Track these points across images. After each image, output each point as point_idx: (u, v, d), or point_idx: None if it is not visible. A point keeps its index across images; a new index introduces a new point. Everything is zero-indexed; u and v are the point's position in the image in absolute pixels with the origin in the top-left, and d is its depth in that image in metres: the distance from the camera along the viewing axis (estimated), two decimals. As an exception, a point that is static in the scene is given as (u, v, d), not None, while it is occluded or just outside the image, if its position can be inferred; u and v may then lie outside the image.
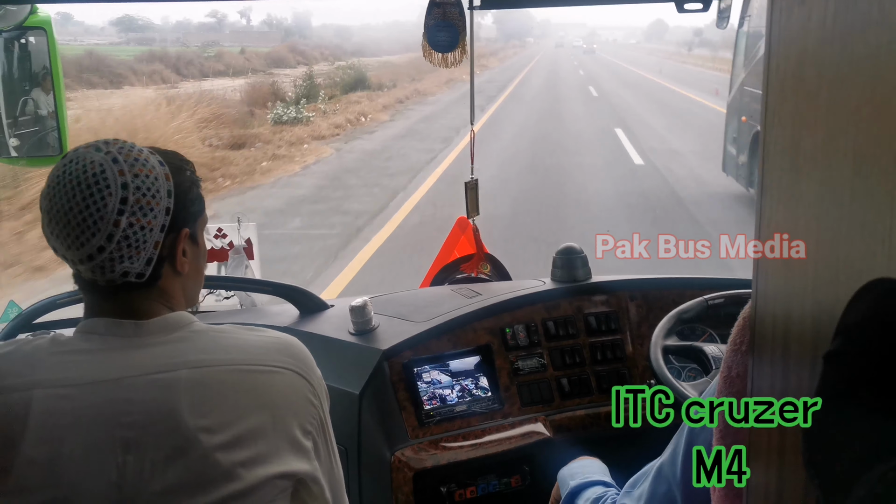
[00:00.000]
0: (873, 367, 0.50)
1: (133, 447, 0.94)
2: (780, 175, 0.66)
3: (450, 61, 1.91)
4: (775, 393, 0.67)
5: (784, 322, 0.67)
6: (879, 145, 0.49)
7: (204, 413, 0.96)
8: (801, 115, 0.62)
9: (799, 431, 0.57)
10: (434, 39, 1.88)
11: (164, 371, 0.98)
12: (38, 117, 2.33)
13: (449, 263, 2.36)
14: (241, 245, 2.30)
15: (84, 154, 0.99)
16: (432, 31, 1.88)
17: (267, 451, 0.99)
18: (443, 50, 1.89)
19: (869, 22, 0.51)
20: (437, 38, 1.88)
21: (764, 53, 0.69)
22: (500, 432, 1.74)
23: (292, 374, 1.05)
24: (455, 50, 1.88)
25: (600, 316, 1.99)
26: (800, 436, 0.56)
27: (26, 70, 2.30)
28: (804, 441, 0.54)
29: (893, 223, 0.48)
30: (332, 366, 1.72)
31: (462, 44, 1.87)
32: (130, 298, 1.02)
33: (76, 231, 0.96)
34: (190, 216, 1.07)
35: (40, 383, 0.96)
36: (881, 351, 0.50)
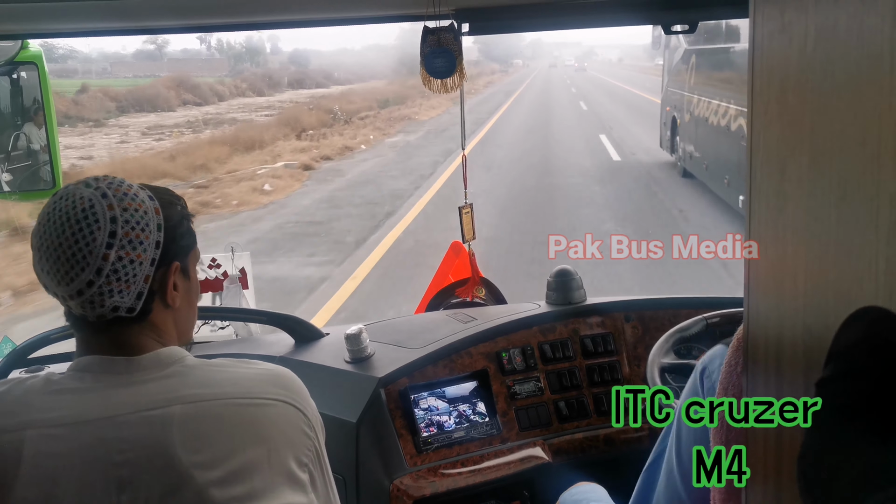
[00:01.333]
0: (865, 394, 0.50)
1: (127, 486, 0.93)
2: (768, 199, 0.66)
3: (448, 86, 1.93)
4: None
5: (776, 345, 0.67)
6: (863, 172, 0.50)
7: (198, 449, 0.95)
8: (785, 141, 0.62)
9: (799, 432, 0.56)
10: (431, 66, 1.90)
11: (158, 407, 0.97)
12: (30, 151, 2.34)
13: (444, 288, 2.36)
14: (236, 275, 2.30)
15: (74, 190, 0.99)
16: (429, 59, 1.89)
17: (262, 486, 0.98)
18: (441, 76, 1.90)
19: (848, 48, 0.52)
20: (433, 64, 1.89)
21: (747, 79, 0.69)
22: (499, 458, 1.73)
23: (286, 405, 1.04)
24: (453, 75, 1.90)
25: (596, 338, 1.98)
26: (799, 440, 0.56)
27: (18, 105, 2.31)
28: (800, 468, 0.54)
29: (879, 249, 0.48)
30: (328, 395, 1.71)
31: (459, 68, 1.89)
32: (121, 333, 1.02)
33: (66, 266, 0.96)
34: (181, 250, 1.07)
35: (32, 424, 0.95)
36: (872, 378, 0.50)
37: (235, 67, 60.31)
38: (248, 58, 67.69)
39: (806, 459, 0.54)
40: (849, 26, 0.51)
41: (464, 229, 2.30)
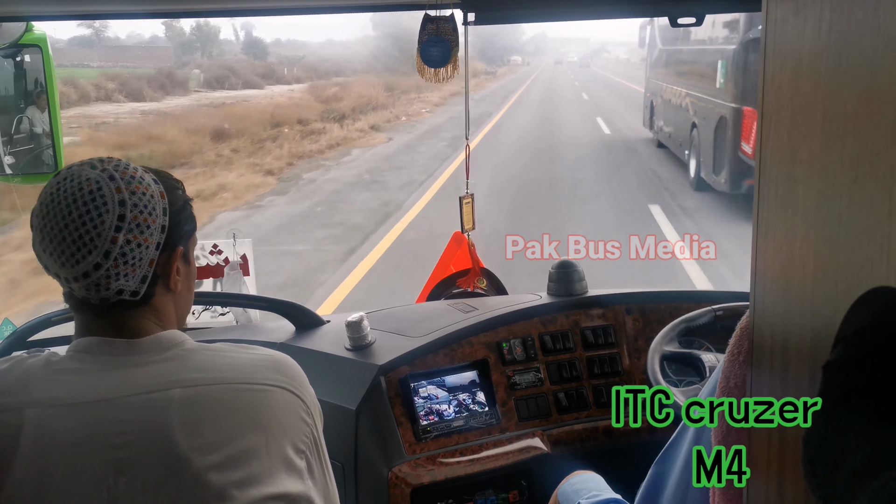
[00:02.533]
0: (874, 377, 0.50)
1: (125, 468, 0.93)
2: (777, 184, 0.66)
3: (441, 76, 1.93)
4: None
5: (782, 332, 0.67)
6: (877, 153, 0.49)
7: (196, 433, 0.95)
8: (797, 125, 0.62)
9: (799, 432, 0.56)
10: (427, 55, 1.90)
11: (157, 390, 0.97)
12: (32, 135, 2.33)
13: (445, 278, 2.36)
14: (237, 261, 2.29)
15: (79, 171, 0.98)
16: (425, 47, 1.89)
17: (260, 471, 0.97)
18: (435, 65, 1.91)
19: (864, 30, 0.51)
20: (429, 53, 1.90)
21: (759, 64, 0.69)
22: (498, 447, 1.73)
23: (285, 391, 1.04)
24: (447, 65, 1.90)
25: (597, 330, 1.98)
26: (799, 440, 0.56)
27: (21, 88, 2.30)
28: (804, 452, 0.54)
29: (891, 231, 0.48)
30: (328, 382, 1.72)
31: (454, 59, 1.89)
32: (123, 317, 1.01)
33: (72, 248, 0.95)
34: (184, 234, 1.07)
35: (32, 403, 0.95)
36: (882, 360, 0.49)
37: (182, 58, 52.69)
38: (200, 46, 59.73)
39: (811, 442, 0.54)
40: (865, 7, 0.51)
41: (463, 219, 2.30)
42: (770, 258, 0.68)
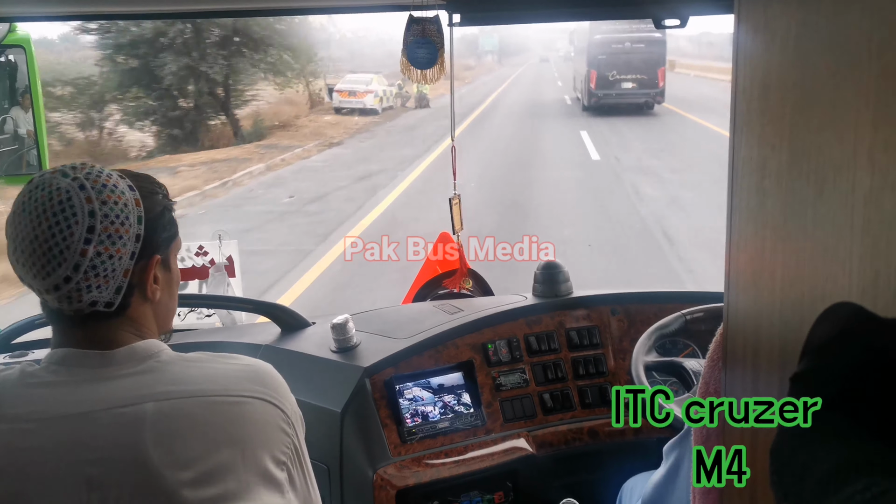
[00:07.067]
0: (838, 389, 0.51)
1: (97, 485, 0.91)
2: (748, 195, 0.66)
3: (429, 77, 1.93)
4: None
5: (754, 338, 0.68)
6: (840, 170, 0.50)
7: (170, 448, 0.93)
8: (766, 137, 0.62)
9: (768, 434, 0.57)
10: (413, 56, 1.90)
11: (130, 404, 0.94)
12: (17, 136, 2.31)
13: (431, 279, 2.36)
14: (223, 262, 2.29)
15: (50, 180, 0.95)
16: (412, 48, 1.89)
17: (237, 487, 0.95)
18: (422, 66, 1.91)
19: (830, 45, 0.52)
20: (416, 54, 1.90)
21: (732, 76, 0.69)
22: (483, 448, 1.74)
23: (264, 402, 1.02)
24: (434, 66, 1.90)
25: (582, 331, 1.99)
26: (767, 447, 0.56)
27: (5, 88, 2.29)
28: (772, 463, 0.55)
29: (853, 248, 0.48)
30: (313, 384, 1.71)
31: (441, 60, 1.89)
32: (98, 328, 0.99)
33: (42, 260, 0.93)
34: (162, 242, 1.04)
35: (4, 418, 0.92)
36: (845, 373, 0.50)
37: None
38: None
39: (778, 453, 0.55)
40: (829, 22, 0.52)
41: (453, 220, 2.30)
42: (742, 267, 0.69)
